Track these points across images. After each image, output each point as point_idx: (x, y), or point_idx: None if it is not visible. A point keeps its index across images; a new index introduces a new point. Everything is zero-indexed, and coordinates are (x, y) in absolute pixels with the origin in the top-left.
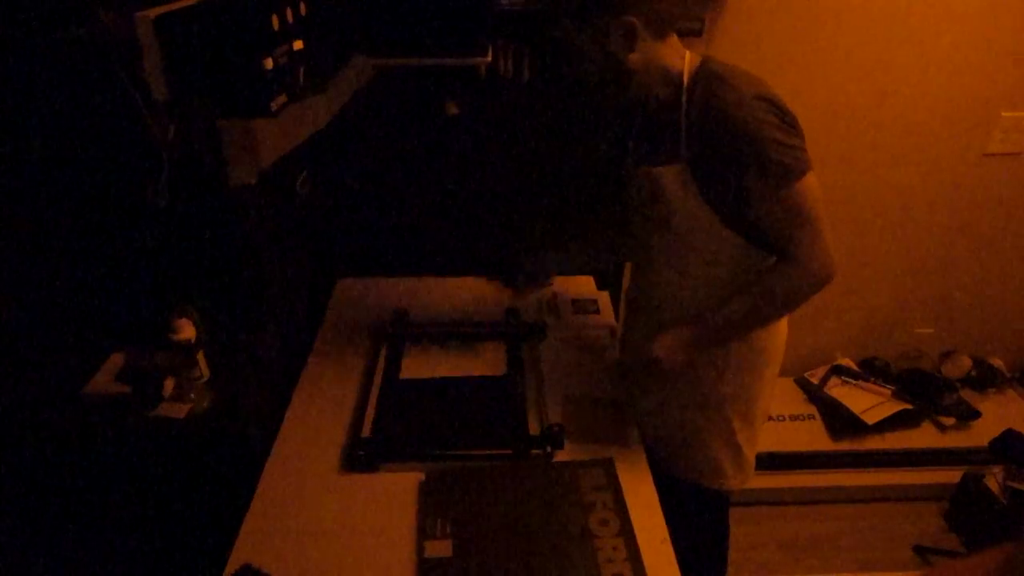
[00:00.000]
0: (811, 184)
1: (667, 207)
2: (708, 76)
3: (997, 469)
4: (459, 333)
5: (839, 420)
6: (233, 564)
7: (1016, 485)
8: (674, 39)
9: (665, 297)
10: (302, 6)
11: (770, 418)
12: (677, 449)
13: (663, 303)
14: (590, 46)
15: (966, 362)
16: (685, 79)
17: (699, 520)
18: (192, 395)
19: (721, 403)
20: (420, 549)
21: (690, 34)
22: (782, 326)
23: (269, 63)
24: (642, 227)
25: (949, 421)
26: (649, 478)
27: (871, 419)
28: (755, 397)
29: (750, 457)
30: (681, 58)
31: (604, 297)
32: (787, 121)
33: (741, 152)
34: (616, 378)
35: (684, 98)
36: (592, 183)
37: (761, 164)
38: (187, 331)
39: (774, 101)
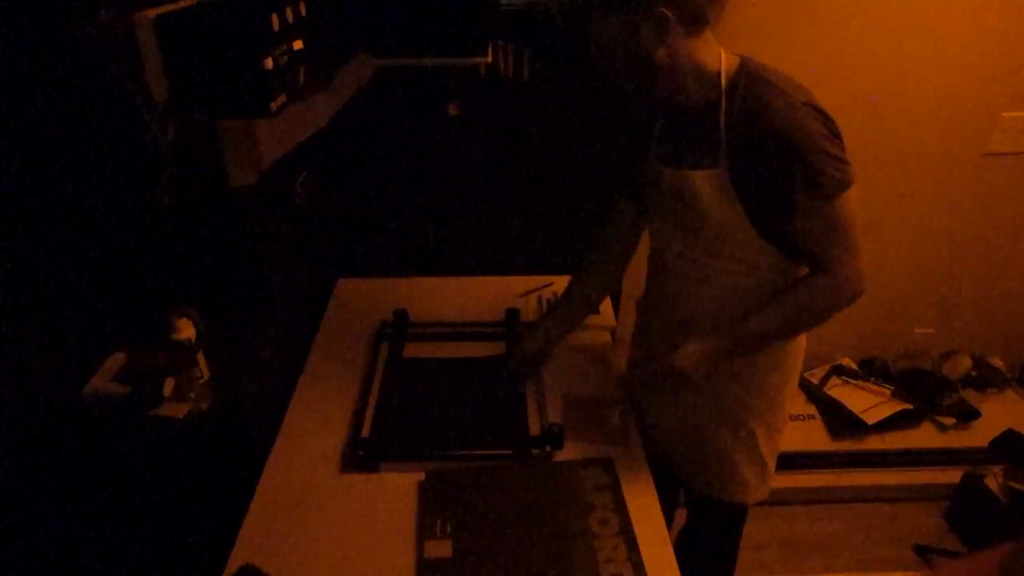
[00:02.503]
0: (853, 198)
1: (697, 212)
2: (752, 79)
3: (997, 469)
4: (459, 333)
5: (839, 420)
6: (233, 564)
7: (1016, 485)
8: (709, 36)
9: (686, 305)
10: (302, 6)
11: None
12: (699, 464)
13: (683, 311)
14: (619, 39)
15: (966, 362)
16: (723, 80)
17: (716, 530)
18: (192, 395)
19: (745, 416)
20: (420, 549)
21: None
22: (801, 335)
23: (269, 63)
24: (663, 230)
25: (949, 421)
26: (649, 478)
27: (871, 419)
28: (778, 407)
29: (772, 467)
30: (717, 57)
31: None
32: (833, 131)
33: (789, 162)
34: (616, 378)
35: (724, 101)
36: (594, 183)
37: (809, 176)
38: (187, 331)
39: (821, 109)
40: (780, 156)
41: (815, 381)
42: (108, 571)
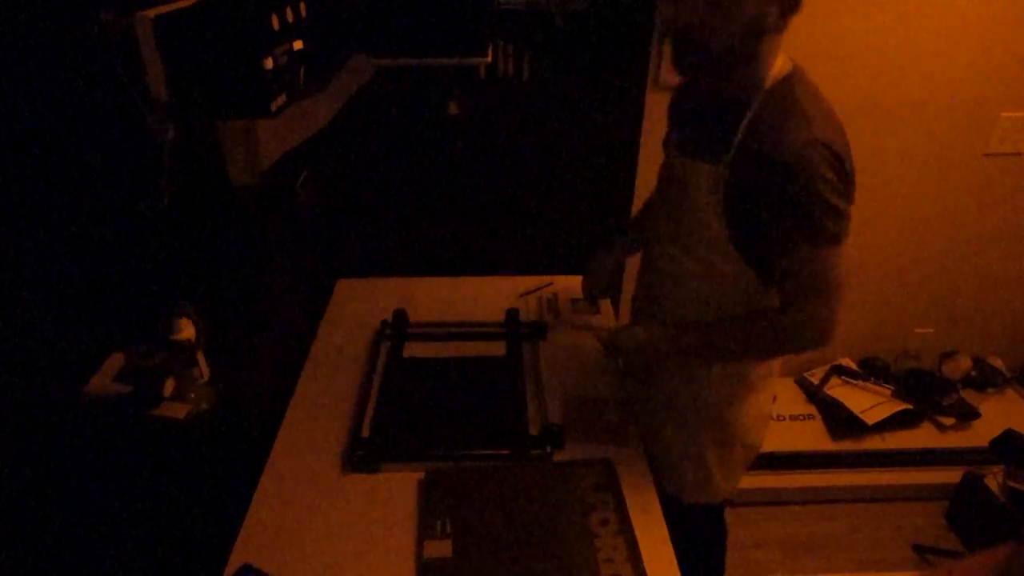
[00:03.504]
0: (843, 253)
1: (685, 203)
2: (788, 95)
3: (997, 469)
4: (459, 333)
5: (839, 420)
6: (233, 564)
7: (1016, 485)
8: (780, 36)
9: (658, 301)
10: (302, 6)
11: (770, 418)
12: (656, 459)
13: (656, 307)
14: (749, 18)
15: (966, 362)
16: (767, 83)
17: (687, 528)
18: (192, 395)
19: (695, 423)
20: (420, 549)
21: None
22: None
23: (269, 63)
24: (656, 218)
25: (949, 421)
26: (649, 478)
27: (871, 419)
28: (729, 424)
29: (722, 484)
30: (774, 58)
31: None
32: (843, 179)
33: (787, 198)
34: (616, 378)
35: (756, 104)
36: (594, 183)
37: (802, 219)
38: (187, 331)
39: (839, 152)
40: (778, 187)
41: (815, 381)
42: (108, 571)
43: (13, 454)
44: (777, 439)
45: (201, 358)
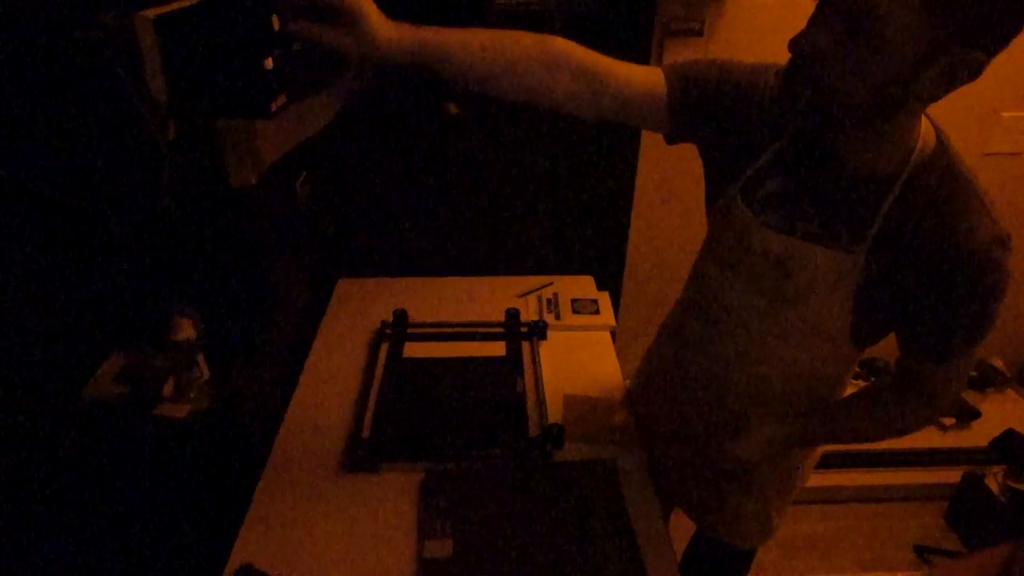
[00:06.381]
0: None
1: (798, 289)
2: (952, 175)
3: (997, 469)
4: (459, 333)
5: None
6: (233, 564)
7: (1016, 485)
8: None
9: (727, 376)
10: None
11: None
12: (703, 507)
13: (723, 382)
14: (937, 84)
15: None
16: (915, 156)
17: (719, 569)
18: (192, 395)
19: (762, 482)
20: (420, 549)
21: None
22: None
23: (269, 63)
24: (734, 290)
25: (949, 421)
26: (649, 479)
27: None
28: (796, 476)
29: (777, 522)
30: (920, 122)
31: (604, 297)
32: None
33: (965, 301)
34: (616, 378)
35: (903, 180)
36: (594, 182)
37: (977, 322)
38: (187, 331)
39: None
40: (957, 288)
41: None
42: (108, 571)
43: (14, 455)
44: None
45: (201, 358)
